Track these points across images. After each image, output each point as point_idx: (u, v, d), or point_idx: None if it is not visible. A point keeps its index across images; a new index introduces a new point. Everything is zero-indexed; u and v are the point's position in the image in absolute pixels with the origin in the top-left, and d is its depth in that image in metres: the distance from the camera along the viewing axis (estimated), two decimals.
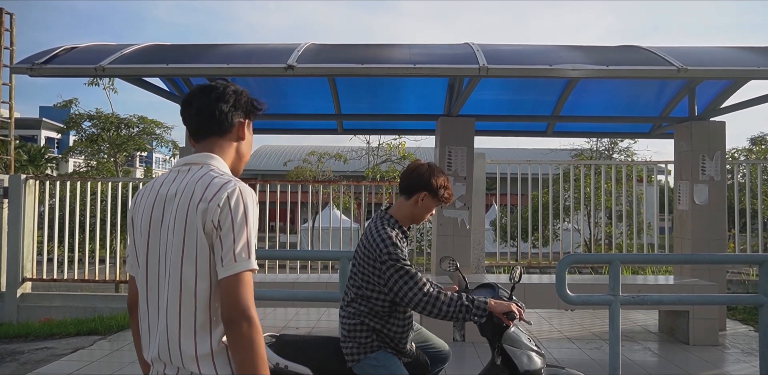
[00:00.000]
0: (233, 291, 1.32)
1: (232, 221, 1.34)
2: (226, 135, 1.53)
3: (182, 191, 1.39)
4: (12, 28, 9.18)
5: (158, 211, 1.42)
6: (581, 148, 19.34)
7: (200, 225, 1.34)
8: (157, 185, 1.47)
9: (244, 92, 1.57)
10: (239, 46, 4.92)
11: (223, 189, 1.36)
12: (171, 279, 1.37)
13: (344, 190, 9.64)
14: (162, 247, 1.40)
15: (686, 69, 4.02)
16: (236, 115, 1.53)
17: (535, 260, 7.89)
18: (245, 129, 1.56)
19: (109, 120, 17.93)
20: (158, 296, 1.41)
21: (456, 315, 2.28)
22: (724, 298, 4.76)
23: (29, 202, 6.69)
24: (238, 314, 1.31)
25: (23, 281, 6.61)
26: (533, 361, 2.50)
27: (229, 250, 1.33)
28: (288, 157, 18.42)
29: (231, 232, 1.34)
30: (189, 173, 1.44)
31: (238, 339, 1.32)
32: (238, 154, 1.58)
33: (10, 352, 5.06)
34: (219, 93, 1.52)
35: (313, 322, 6.00)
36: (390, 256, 2.29)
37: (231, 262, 1.33)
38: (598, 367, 4.47)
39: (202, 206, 1.35)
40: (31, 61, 4.20)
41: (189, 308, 1.36)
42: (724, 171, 5.64)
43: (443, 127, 5.52)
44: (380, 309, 2.39)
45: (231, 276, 1.32)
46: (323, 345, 2.55)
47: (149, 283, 1.43)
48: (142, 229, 1.44)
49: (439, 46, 4.90)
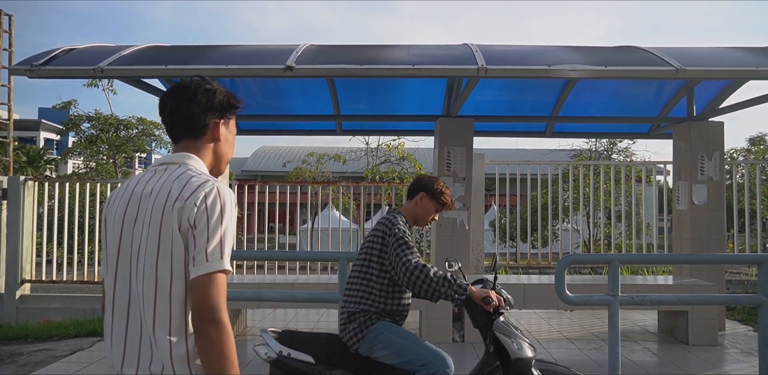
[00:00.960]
0: (203, 291, 1.27)
1: (207, 220, 1.30)
2: (201, 137, 1.49)
3: (158, 189, 1.35)
4: (11, 30, 9.18)
5: (132, 208, 1.37)
6: (580, 149, 19.34)
7: (176, 224, 1.30)
8: (132, 184, 1.43)
9: (219, 91, 1.51)
10: (238, 47, 4.92)
11: (201, 188, 1.33)
12: (146, 279, 1.31)
13: (343, 190, 9.62)
14: (135, 246, 1.34)
15: (685, 69, 4.03)
16: (209, 116, 1.48)
17: (535, 261, 7.89)
18: (221, 129, 1.51)
19: (108, 121, 17.93)
20: (129, 298, 1.35)
21: (439, 288, 2.48)
22: (724, 298, 4.76)
23: (28, 204, 6.69)
24: (207, 316, 1.26)
25: (22, 283, 6.60)
26: (524, 349, 2.57)
27: (201, 249, 1.29)
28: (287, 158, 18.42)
29: (206, 231, 1.30)
30: (166, 172, 1.41)
31: (207, 342, 1.27)
32: (216, 155, 1.53)
33: (9, 354, 5.06)
34: (190, 93, 1.47)
35: (313, 322, 6.00)
36: (399, 230, 2.63)
37: (203, 261, 1.28)
38: (597, 367, 4.47)
39: (178, 205, 1.31)
40: (30, 62, 4.20)
41: (164, 309, 1.31)
42: (722, 171, 5.65)
43: (442, 128, 5.52)
44: (378, 291, 2.62)
45: (202, 276, 1.28)
46: (323, 338, 2.67)
47: (118, 284, 1.37)
48: (114, 227, 1.39)
49: (438, 46, 4.90)
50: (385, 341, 2.51)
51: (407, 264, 2.50)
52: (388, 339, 2.51)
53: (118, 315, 1.36)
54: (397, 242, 2.59)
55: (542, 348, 5.06)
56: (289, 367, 2.46)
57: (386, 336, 2.52)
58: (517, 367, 2.52)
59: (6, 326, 6.16)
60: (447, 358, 2.52)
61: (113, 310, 1.37)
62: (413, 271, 2.49)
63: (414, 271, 2.49)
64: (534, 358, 2.59)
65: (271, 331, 2.59)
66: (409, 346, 2.50)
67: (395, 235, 2.61)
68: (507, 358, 2.53)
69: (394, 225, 2.66)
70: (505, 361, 2.54)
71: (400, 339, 2.52)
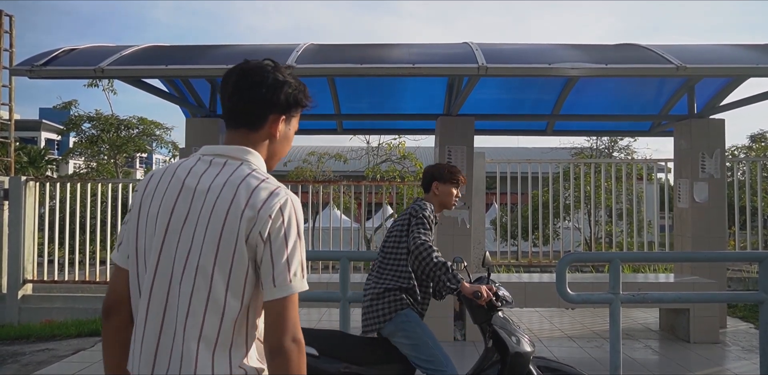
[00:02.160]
0: (284, 313, 1.17)
1: (285, 237, 1.19)
2: (258, 130, 1.32)
3: (219, 189, 1.20)
4: (11, 30, 9.19)
5: (183, 205, 1.21)
6: (581, 147, 19.32)
7: (243, 234, 1.17)
8: (181, 174, 1.26)
9: (288, 83, 1.33)
10: (238, 47, 4.92)
11: (273, 197, 1.20)
12: (196, 288, 1.17)
13: (344, 190, 9.63)
14: (182, 248, 1.19)
15: (685, 67, 4.03)
16: (271, 110, 1.32)
17: (536, 259, 7.89)
18: (279, 126, 1.34)
19: (109, 121, 17.93)
20: (166, 305, 1.20)
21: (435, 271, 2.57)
22: (725, 296, 4.76)
23: (29, 204, 6.69)
24: (289, 339, 1.17)
25: (24, 283, 6.61)
26: (522, 344, 2.58)
27: (284, 269, 1.17)
28: (288, 158, 18.38)
29: (284, 248, 1.18)
30: (225, 168, 1.25)
31: (287, 365, 1.17)
32: (270, 151, 1.36)
33: (12, 354, 5.07)
34: (255, 81, 1.30)
35: (314, 322, 6.00)
36: (424, 213, 2.76)
37: (285, 282, 1.17)
38: (599, 365, 4.47)
39: (248, 214, 1.17)
40: (31, 63, 4.20)
41: (213, 324, 1.17)
42: (723, 169, 5.65)
43: (443, 127, 5.52)
44: (405, 270, 2.72)
45: (284, 298, 1.18)
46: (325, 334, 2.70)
47: (155, 288, 1.21)
48: (158, 224, 1.22)
49: (438, 45, 4.90)
50: (409, 330, 2.60)
51: (417, 241, 2.63)
52: (413, 330, 2.61)
53: (151, 323, 1.21)
54: (417, 222, 2.74)
55: (544, 346, 5.06)
56: None
57: (412, 326, 2.61)
58: (515, 362, 2.54)
59: (8, 326, 6.17)
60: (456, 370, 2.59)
61: (146, 317, 1.21)
62: (419, 247, 2.60)
63: (419, 247, 2.60)
64: (532, 353, 2.61)
65: None
66: (429, 346, 2.58)
67: (419, 217, 2.75)
68: (506, 352, 2.55)
69: (422, 209, 2.80)
70: (504, 356, 2.56)
71: (423, 335, 2.61)
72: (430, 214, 2.83)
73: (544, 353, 4.82)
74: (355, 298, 3.39)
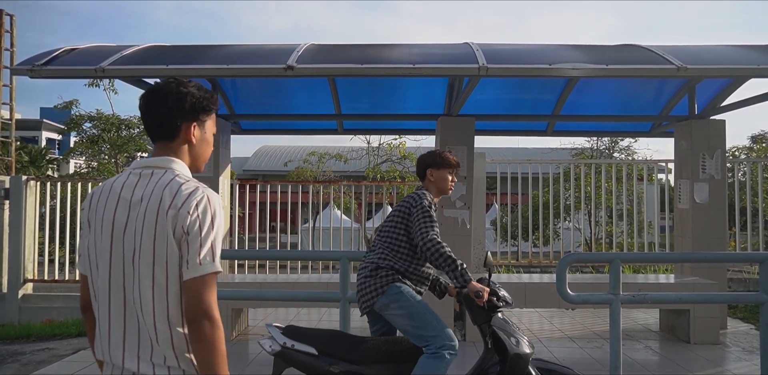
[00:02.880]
0: (197, 291, 1.37)
1: (200, 227, 1.39)
2: (175, 139, 1.52)
3: (149, 197, 1.41)
4: (12, 30, 9.19)
5: (122, 215, 1.42)
6: (581, 148, 19.31)
7: (170, 230, 1.38)
8: (117, 188, 1.46)
9: (191, 93, 1.51)
10: (239, 47, 4.92)
11: (192, 196, 1.40)
12: (142, 281, 1.39)
13: (345, 190, 9.63)
14: (128, 251, 1.41)
15: (686, 67, 4.02)
16: (180, 119, 1.50)
17: (536, 259, 7.89)
18: (193, 132, 1.53)
19: (110, 121, 17.92)
20: (124, 298, 1.42)
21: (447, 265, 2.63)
22: (725, 297, 4.76)
23: (30, 204, 6.70)
24: (200, 313, 1.36)
25: (24, 282, 6.62)
26: (522, 345, 2.59)
27: (195, 253, 1.38)
28: (288, 158, 18.41)
29: (198, 237, 1.39)
30: (153, 177, 1.44)
31: (200, 337, 1.36)
32: (192, 155, 1.56)
33: (12, 353, 5.07)
34: (161, 97, 1.50)
35: (315, 322, 6.00)
36: (425, 203, 2.80)
37: (196, 264, 1.38)
38: (599, 365, 4.47)
39: (171, 213, 1.38)
40: (32, 62, 4.20)
41: (162, 308, 1.40)
42: (724, 169, 5.64)
43: (443, 127, 5.52)
44: (406, 252, 2.80)
45: (196, 278, 1.37)
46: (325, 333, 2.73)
47: (113, 286, 1.43)
48: (104, 232, 1.44)
49: (438, 45, 4.90)
50: (402, 301, 2.65)
51: (426, 236, 2.68)
52: (407, 300, 2.65)
53: (115, 314, 1.43)
54: (422, 213, 2.77)
55: (544, 347, 5.06)
56: (293, 359, 2.52)
57: (405, 296, 2.66)
58: (514, 363, 2.54)
59: (8, 325, 6.18)
60: (454, 336, 2.62)
61: (110, 311, 1.43)
62: (427, 244, 2.66)
63: (428, 244, 2.66)
64: (532, 355, 2.61)
65: (275, 326, 2.67)
66: (423, 314, 2.63)
67: (422, 207, 2.79)
68: (505, 353, 2.55)
69: (421, 199, 2.84)
70: (503, 357, 2.56)
71: (417, 304, 2.65)
72: (430, 202, 2.85)
73: (544, 354, 4.82)
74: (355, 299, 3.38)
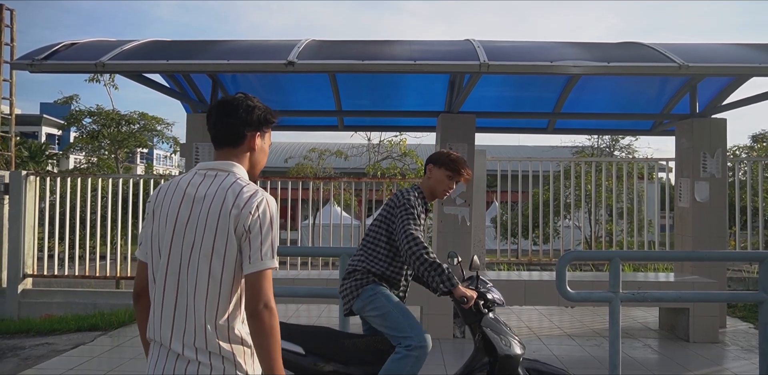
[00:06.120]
0: (258, 285, 1.53)
1: (260, 227, 1.56)
2: (239, 146, 1.70)
3: (212, 196, 1.58)
4: (12, 25, 9.17)
5: (185, 210, 1.59)
6: (582, 146, 19.32)
7: (232, 228, 1.54)
8: (183, 185, 1.64)
9: (258, 107, 1.71)
10: (240, 43, 4.90)
11: (253, 198, 1.57)
12: (199, 271, 1.55)
13: (345, 187, 9.62)
14: (187, 244, 1.57)
15: (688, 66, 4.01)
16: (247, 129, 1.69)
17: (536, 257, 7.89)
18: (256, 140, 1.72)
19: (110, 116, 17.92)
20: (178, 285, 1.58)
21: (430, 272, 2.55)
22: (725, 296, 4.76)
23: (30, 199, 6.69)
24: (261, 304, 1.52)
25: (24, 277, 6.62)
26: (512, 345, 2.57)
27: (257, 250, 1.54)
28: (289, 154, 18.41)
29: (259, 235, 1.55)
30: (216, 179, 1.62)
31: (261, 326, 1.52)
32: (251, 162, 1.74)
33: (11, 348, 5.07)
34: (231, 108, 1.69)
35: (314, 318, 6.01)
36: (408, 203, 2.71)
37: (258, 260, 1.54)
38: (598, 364, 4.47)
39: (234, 212, 1.55)
40: (32, 57, 4.19)
41: (214, 297, 1.55)
42: (725, 168, 5.63)
43: (444, 124, 5.51)
44: (384, 255, 2.76)
45: (257, 272, 1.53)
46: (315, 331, 2.69)
47: (169, 272, 1.59)
48: (167, 225, 1.60)
49: (439, 42, 4.88)
50: (375, 302, 2.65)
51: (409, 237, 2.61)
52: (380, 301, 2.65)
53: (168, 299, 1.58)
54: (405, 212, 2.69)
55: (543, 344, 5.07)
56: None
57: (378, 298, 2.66)
58: (504, 364, 2.52)
59: (8, 320, 6.18)
60: (426, 336, 2.61)
61: (164, 295, 1.59)
62: (409, 243, 2.59)
63: (410, 243, 2.59)
64: (522, 355, 2.58)
65: None
66: (394, 314, 2.62)
67: (404, 205, 2.71)
68: (495, 354, 2.53)
69: (404, 197, 2.76)
70: (493, 358, 2.54)
71: (390, 304, 2.64)
72: (416, 200, 2.77)
73: (543, 351, 4.82)
74: None
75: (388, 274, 2.77)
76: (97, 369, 4.32)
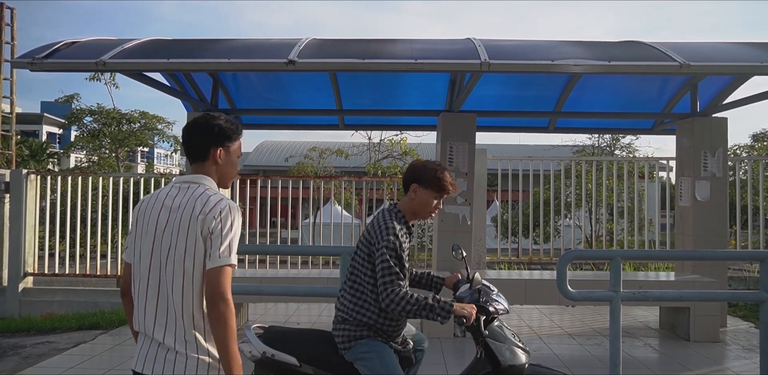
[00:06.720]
0: (216, 279, 1.75)
1: (221, 229, 1.78)
2: (206, 161, 1.92)
3: (185, 205, 1.82)
4: (13, 23, 9.17)
5: (163, 218, 1.83)
6: (583, 145, 19.31)
7: (199, 231, 1.77)
8: (161, 197, 1.88)
9: (218, 125, 1.91)
10: (240, 41, 4.90)
11: (217, 205, 1.80)
12: (176, 270, 1.78)
13: (345, 186, 9.63)
14: (164, 246, 1.80)
15: (689, 65, 4.00)
16: (210, 145, 1.91)
17: (536, 256, 7.89)
18: (220, 155, 1.92)
19: (111, 115, 17.93)
20: (159, 282, 1.81)
21: (418, 313, 2.36)
22: (725, 295, 4.75)
23: (31, 197, 6.69)
24: (217, 295, 1.73)
25: (25, 276, 6.62)
26: (516, 355, 2.50)
27: (216, 249, 1.76)
28: (289, 153, 18.43)
29: (220, 236, 1.77)
30: (188, 190, 1.86)
31: (216, 316, 1.73)
32: (219, 174, 1.95)
33: (12, 346, 5.08)
34: (197, 127, 1.92)
35: (314, 317, 6.01)
36: (387, 244, 2.38)
37: (216, 257, 1.76)
38: (598, 363, 4.48)
39: (201, 217, 1.78)
40: (32, 55, 4.18)
41: (188, 291, 1.79)
42: (725, 167, 5.63)
43: (445, 123, 5.51)
44: (370, 301, 2.47)
45: (215, 267, 1.76)
46: (310, 337, 2.61)
47: (152, 272, 1.82)
48: (149, 231, 1.84)
49: (440, 41, 4.88)
50: (368, 360, 2.43)
51: (391, 295, 2.35)
52: (372, 361, 2.42)
53: (151, 294, 1.82)
54: (382, 265, 2.37)
55: (543, 344, 5.07)
56: (273, 368, 2.43)
57: (372, 357, 2.43)
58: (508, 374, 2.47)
59: (9, 319, 6.19)
60: None
61: (147, 291, 1.82)
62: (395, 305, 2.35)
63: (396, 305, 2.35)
64: (526, 363, 2.53)
65: (256, 328, 2.54)
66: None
67: (381, 249, 2.39)
68: (497, 364, 2.48)
69: (383, 233, 2.41)
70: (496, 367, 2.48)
71: (382, 367, 2.40)
72: (397, 230, 2.43)
73: (543, 351, 4.83)
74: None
75: (380, 325, 2.48)
76: (98, 367, 4.32)
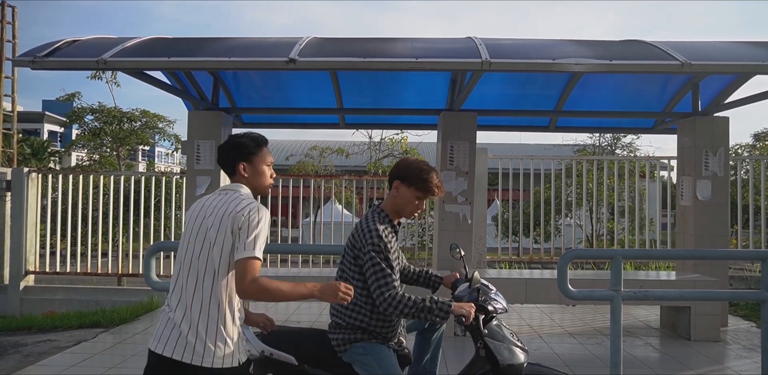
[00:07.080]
0: (244, 268, 1.98)
1: (248, 226, 2.02)
2: (234, 175, 2.23)
3: (221, 206, 2.10)
4: (14, 22, 9.16)
5: (202, 216, 2.12)
6: (584, 144, 19.29)
7: (230, 227, 2.03)
8: (205, 201, 2.19)
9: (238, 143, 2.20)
10: (241, 40, 4.90)
11: (247, 206, 2.06)
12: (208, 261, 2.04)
13: (346, 184, 9.63)
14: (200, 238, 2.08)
15: (690, 64, 3.99)
16: (236, 162, 2.20)
17: (537, 255, 7.89)
18: (245, 169, 2.20)
19: (112, 114, 17.93)
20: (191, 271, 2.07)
21: (416, 315, 2.37)
22: (726, 294, 4.74)
23: (32, 196, 6.71)
24: (248, 280, 1.96)
25: (26, 274, 6.64)
26: (515, 355, 2.51)
27: (242, 242, 2.01)
28: (290, 152, 18.41)
29: (246, 231, 2.02)
30: (226, 195, 2.15)
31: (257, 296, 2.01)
32: (250, 185, 2.22)
33: (13, 345, 5.09)
34: (221, 148, 2.23)
35: (315, 315, 6.01)
36: (373, 247, 2.38)
37: (242, 250, 2.00)
38: (599, 362, 4.47)
39: (232, 215, 2.04)
40: (33, 54, 4.18)
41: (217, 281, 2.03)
42: (727, 167, 5.62)
43: (445, 122, 5.50)
44: (362, 304, 2.47)
45: (242, 259, 1.99)
46: (309, 336, 2.63)
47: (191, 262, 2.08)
48: (193, 228, 2.12)
49: (441, 40, 4.87)
50: (364, 362, 2.43)
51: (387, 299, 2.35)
52: (369, 364, 2.42)
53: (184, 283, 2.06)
54: (372, 268, 2.36)
55: (544, 343, 5.07)
56: (272, 367, 2.45)
57: (368, 359, 2.43)
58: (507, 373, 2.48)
59: (10, 317, 6.20)
60: None
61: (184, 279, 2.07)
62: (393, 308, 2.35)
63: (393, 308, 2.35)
64: (525, 362, 2.54)
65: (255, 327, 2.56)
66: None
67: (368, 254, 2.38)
68: (497, 363, 2.49)
69: (367, 235, 2.40)
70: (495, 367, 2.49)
71: (379, 368, 2.40)
72: (384, 232, 2.42)
73: (544, 350, 4.83)
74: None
75: (374, 327, 2.47)
76: (99, 366, 4.33)
